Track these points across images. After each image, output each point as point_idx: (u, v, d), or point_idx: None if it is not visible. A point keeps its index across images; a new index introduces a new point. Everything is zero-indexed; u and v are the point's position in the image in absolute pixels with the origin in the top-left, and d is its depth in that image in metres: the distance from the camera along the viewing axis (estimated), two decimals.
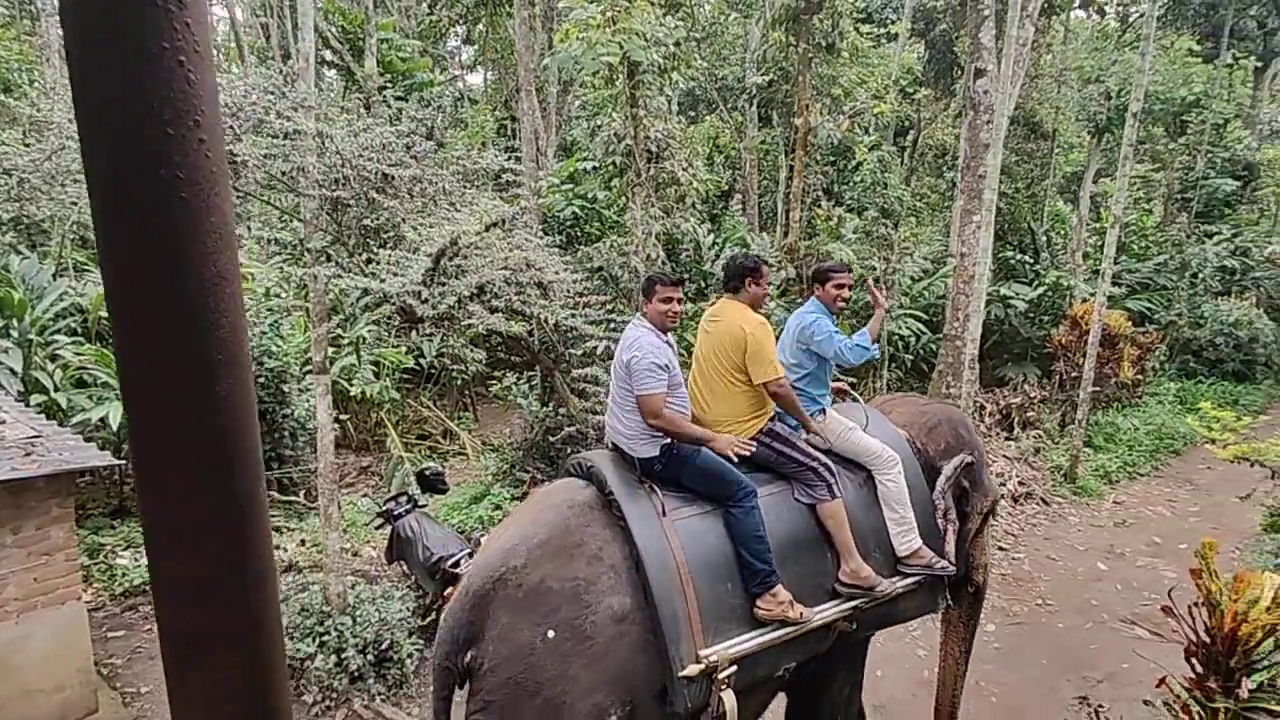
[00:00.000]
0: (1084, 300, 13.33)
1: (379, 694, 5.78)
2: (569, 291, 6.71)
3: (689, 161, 8.25)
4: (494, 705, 3.11)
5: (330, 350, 10.47)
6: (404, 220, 5.81)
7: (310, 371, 7.16)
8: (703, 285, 12.68)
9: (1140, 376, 13.87)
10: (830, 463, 3.82)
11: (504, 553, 3.29)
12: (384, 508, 7.40)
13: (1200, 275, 16.32)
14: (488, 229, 5.92)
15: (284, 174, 5.04)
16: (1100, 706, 5.69)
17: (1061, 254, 16.41)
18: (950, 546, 4.10)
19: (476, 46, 24.57)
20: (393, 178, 5.30)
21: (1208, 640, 3.03)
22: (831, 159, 16.03)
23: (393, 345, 10.94)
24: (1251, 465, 4.93)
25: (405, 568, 7.17)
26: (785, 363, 4.10)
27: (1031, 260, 15.02)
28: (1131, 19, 20.51)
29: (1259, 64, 22.04)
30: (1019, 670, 6.35)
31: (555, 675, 3.08)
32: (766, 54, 14.51)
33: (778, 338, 4.13)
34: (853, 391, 4.79)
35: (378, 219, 5.64)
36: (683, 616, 3.23)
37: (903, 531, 3.92)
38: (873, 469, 3.98)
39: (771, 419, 3.91)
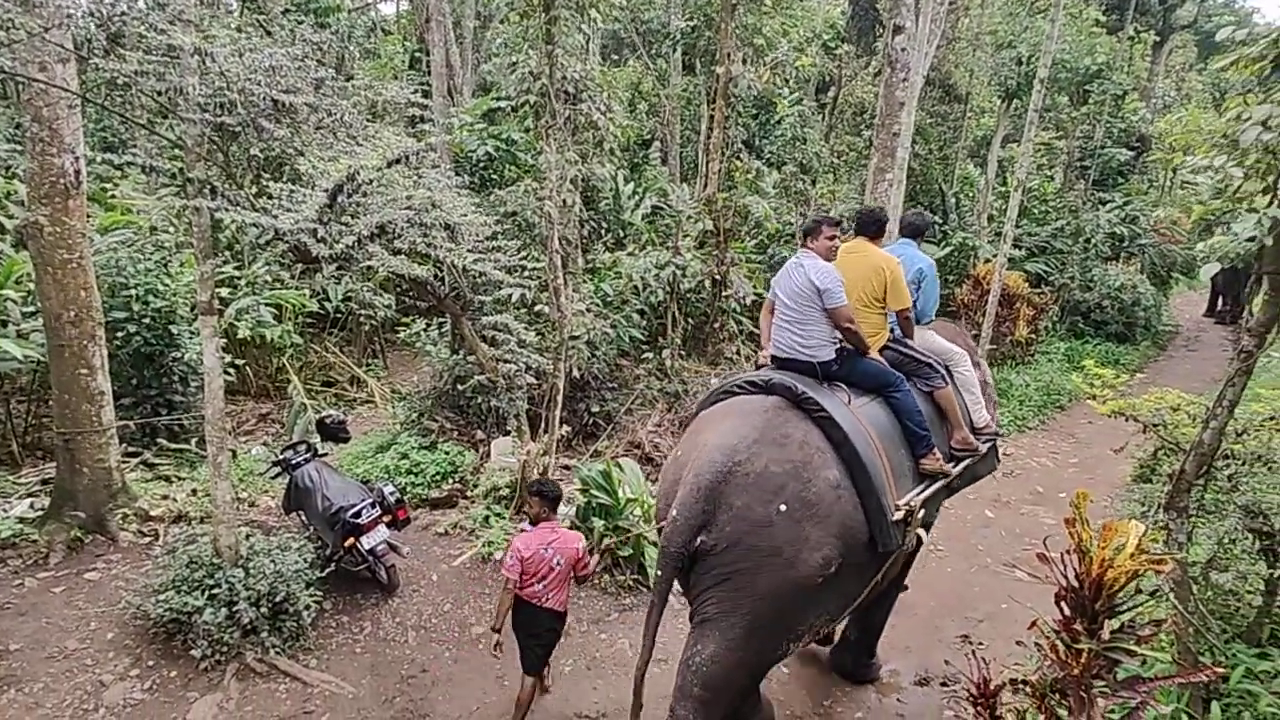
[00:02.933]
0: (986, 261, 13.84)
1: (273, 647, 5.60)
2: (478, 235, 6.45)
3: (608, 105, 8.00)
4: (735, 572, 3.79)
5: (226, 291, 9.87)
6: (300, 153, 5.43)
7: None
8: (620, 235, 12.52)
9: (1034, 336, 14.58)
10: (939, 360, 4.95)
11: (724, 451, 3.90)
12: (280, 456, 7.11)
13: (1093, 241, 17.13)
14: (390, 165, 5.59)
15: (160, 93, 4.59)
16: (980, 644, 6.07)
17: (968, 216, 16.95)
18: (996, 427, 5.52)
19: None
20: (285, 105, 4.92)
21: (1076, 585, 3.22)
22: (754, 112, 15.93)
23: (295, 287, 10.38)
24: (1126, 420, 5.26)
25: (304, 518, 6.93)
26: None
27: (941, 221, 15.44)
28: None
29: (1157, 39, 23.05)
30: (907, 611, 6.66)
31: (791, 537, 3.75)
32: None
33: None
34: None
35: (269, 150, 5.25)
36: (883, 476, 4.07)
37: (979, 408, 5.17)
38: (950, 364, 5.11)
39: (892, 330, 4.96)
